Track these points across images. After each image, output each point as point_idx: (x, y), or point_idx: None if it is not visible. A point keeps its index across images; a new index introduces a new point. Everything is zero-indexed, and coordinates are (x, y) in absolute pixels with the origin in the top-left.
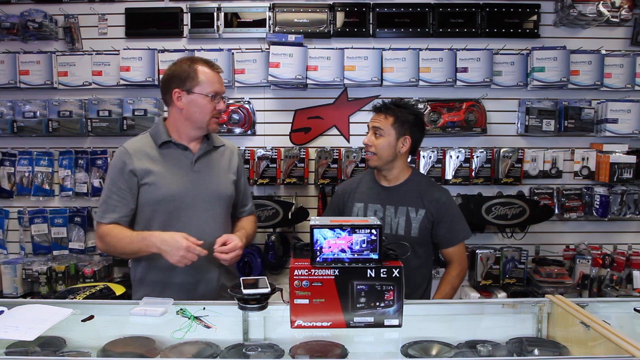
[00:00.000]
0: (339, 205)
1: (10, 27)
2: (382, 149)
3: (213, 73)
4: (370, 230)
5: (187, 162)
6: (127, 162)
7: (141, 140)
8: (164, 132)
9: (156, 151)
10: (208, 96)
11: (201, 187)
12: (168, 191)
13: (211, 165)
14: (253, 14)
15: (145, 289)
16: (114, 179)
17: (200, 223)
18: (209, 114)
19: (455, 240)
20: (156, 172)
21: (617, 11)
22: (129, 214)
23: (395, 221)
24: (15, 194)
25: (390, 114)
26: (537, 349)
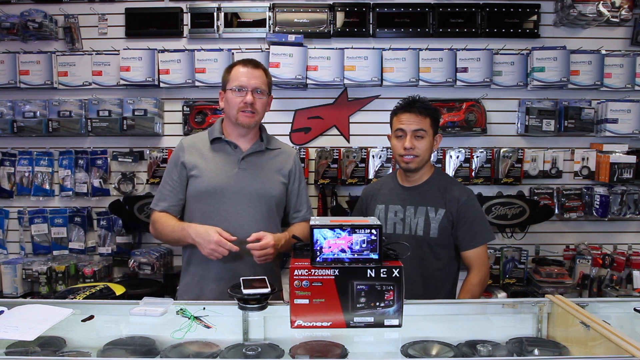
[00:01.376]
0: (363, 209)
1: (10, 27)
2: (425, 150)
3: (243, 68)
4: (370, 230)
5: (234, 159)
6: (180, 155)
7: (198, 137)
8: (217, 130)
9: (208, 147)
10: (234, 90)
11: (244, 184)
12: (210, 184)
13: (260, 165)
14: (253, 14)
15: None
16: (169, 170)
17: (239, 219)
18: (236, 107)
19: (475, 243)
20: (203, 165)
21: (617, 11)
22: (178, 204)
23: (414, 221)
24: (15, 194)
25: (426, 114)
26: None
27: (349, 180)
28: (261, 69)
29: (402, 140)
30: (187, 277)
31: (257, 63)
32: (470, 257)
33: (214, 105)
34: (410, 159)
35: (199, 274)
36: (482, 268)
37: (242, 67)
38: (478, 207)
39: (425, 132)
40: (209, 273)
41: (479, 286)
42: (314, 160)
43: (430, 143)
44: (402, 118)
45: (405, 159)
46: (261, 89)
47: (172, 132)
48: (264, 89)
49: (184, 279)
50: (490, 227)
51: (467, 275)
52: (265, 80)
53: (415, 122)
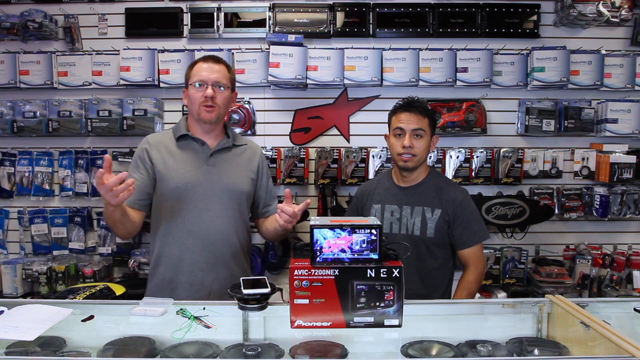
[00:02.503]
0: (358, 208)
1: (10, 27)
2: (423, 150)
3: (203, 64)
4: (370, 230)
5: (202, 156)
6: (147, 152)
7: (163, 134)
8: (183, 127)
9: (174, 144)
10: (195, 85)
11: (214, 180)
12: (180, 181)
13: (228, 162)
14: (253, 14)
15: (157, 279)
16: (134, 164)
17: (211, 215)
18: (197, 102)
19: (471, 242)
20: (172, 163)
21: (617, 11)
22: (144, 198)
23: (411, 221)
24: (15, 194)
25: (425, 114)
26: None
27: (349, 180)
28: (222, 64)
29: (401, 139)
30: (156, 278)
31: (218, 59)
32: (467, 256)
33: None
34: (408, 157)
35: (169, 275)
36: (479, 266)
37: (203, 63)
38: (473, 207)
39: (424, 132)
40: (180, 272)
41: (476, 284)
42: (314, 160)
43: (428, 143)
44: (401, 117)
45: (404, 157)
46: (222, 84)
47: None
48: (225, 83)
49: (152, 281)
50: (485, 226)
51: (463, 273)
52: (226, 75)
53: (415, 121)
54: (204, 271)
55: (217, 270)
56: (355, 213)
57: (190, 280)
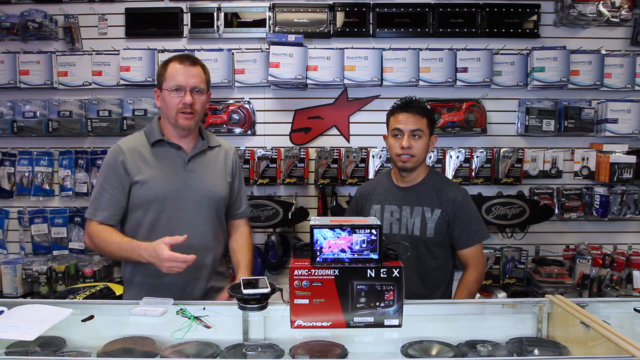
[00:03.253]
0: (358, 208)
1: (10, 27)
2: (422, 150)
3: (180, 66)
4: (370, 230)
5: (180, 162)
6: (120, 160)
7: (135, 139)
8: (157, 131)
9: (149, 150)
10: (172, 90)
11: (193, 188)
12: (160, 191)
13: (205, 166)
14: (253, 14)
15: (134, 290)
16: (106, 176)
17: (190, 224)
18: (174, 109)
19: (470, 242)
20: (148, 171)
21: (617, 11)
22: (119, 212)
23: (410, 222)
24: (15, 194)
25: (423, 114)
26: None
27: (349, 180)
28: (199, 66)
29: (400, 139)
30: (134, 288)
31: (195, 59)
32: (467, 256)
33: (214, 105)
34: (407, 158)
35: (147, 284)
36: (479, 266)
37: (178, 64)
38: (473, 207)
39: (423, 132)
40: (161, 281)
41: (476, 283)
42: (314, 160)
43: (427, 143)
44: (399, 118)
45: (403, 158)
46: (200, 88)
47: None
48: (203, 87)
49: (129, 291)
50: (485, 226)
51: (463, 273)
52: (203, 78)
53: (413, 122)
54: (184, 277)
55: (198, 278)
56: (355, 213)
57: (170, 286)
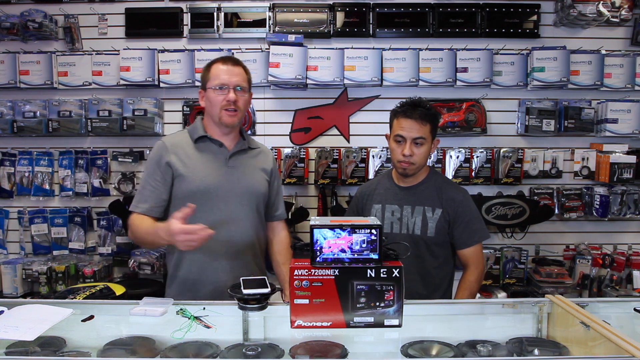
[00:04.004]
0: (358, 208)
1: (10, 27)
2: (423, 157)
3: (223, 66)
4: (370, 230)
5: (222, 158)
6: (163, 155)
7: (178, 136)
8: (200, 128)
9: (192, 146)
10: (216, 88)
11: (235, 182)
12: (202, 183)
13: (245, 164)
14: (253, 14)
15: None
16: (150, 170)
17: (233, 217)
18: (219, 106)
19: (471, 241)
20: (191, 165)
21: (617, 11)
22: (161, 205)
23: (412, 221)
24: (15, 194)
25: (427, 120)
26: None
27: (349, 180)
28: (241, 66)
29: (402, 146)
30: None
31: (237, 60)
32: (467, 256)
33: None
34: (407, 165)
35: (192, 277)
36: (479, 266)
37: (222, 65)
38: (473, 206)
39: (425, 140)
40: (203, 274)
41: (476, 283)
42: (314, 160)
43: (429, 150)
44: (402, 124)
45: (403, 165)
46: (242, 86)
47: (172, 132)
48: (245, 86)
49: (174, 283)
50: (485, 226)
51: (463, 273)
52: (245, 77)
53: (416, 129)
54: (227, 273)
55: (239, 271)
56: (355, 213)
57: (214, 282)
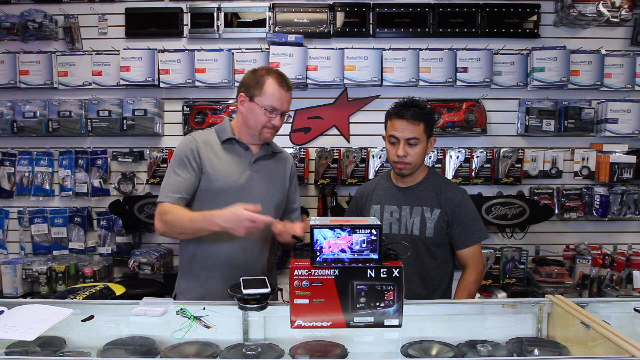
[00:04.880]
0: (357, 209)
1: (10, 27)
2: (418, 157)
3: (279, 89)
4: (370, 230)
5: (246, 161)
6: (193, 149)
7: (207, 134)
8: (229, 130)
9: (219, 146)
10: (266, 109)
11: (255, 186)
12: (226, 183)
13: (268, 170)
14: (253, 14)
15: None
16: (179, 162)
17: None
18: (262, 125)
19: (469, 242)
20: (217, 164)
21: (617, 11)
22: (189, 195)
23: (410, 221)
24: (15, 194)
25: (420, 120)
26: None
27: (349, 180)
28: (291, 91)
29: (396, 147)
30: (190, 277)
31: (290, 84)
32: (466, 256)
33: (214, 105)
34: (402, 165)
35: (203, 274)
36: (478, 266)
37: (279, 86)
38: (472, 207)
39: (419, 140)
40: (216, 270)
41: (475, 284)
42: (314, 160)
43: (424, 148)
44: (395, 125)
45: (398, 165)
46: (287, 112)
47: (172, 132)
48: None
49: (184, 279)
50: (484, 226)
51: (462, 273)
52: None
53: (409, 129)
54: (239, 271)
55: (250, 272)
56: (354, 214)
57: (226, 280)
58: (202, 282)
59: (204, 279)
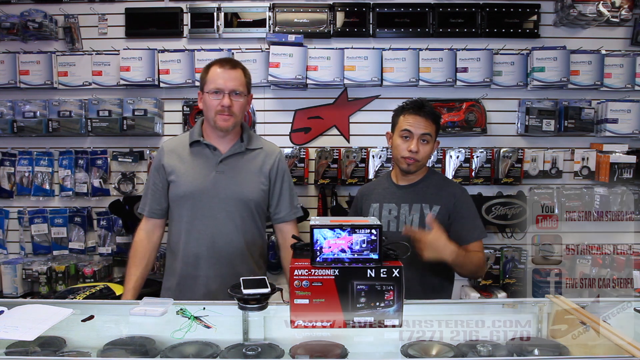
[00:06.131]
0: (358, 209)
1: (10, 27)
2: (427, 155)
3: (220, 70)
4: (370, 230)
5: (213, 162)
6: (160, 159)
7: (178, 139)
8: (197, 132)
9: (187, 150)
10: (211, 92)
11: (220, 187)
12: (187, 189)
13: (238, 168)
14: (253, 14)
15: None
16: (151, 174)
17: (216, 223)
18: (213, 110)
19: (470, 238)
20: (181, 169)
21: (617, 11)
22: (161, 208)
23: (409, 219)
24: (15, 194)
25: (432, 121)
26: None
27: (349, 180)
28: (239, 69)
29: (408, 141)
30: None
31: (235, 63)
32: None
33: None
34: (412, 162)
35: (180, 282)
36: (480, 254)
37: (219, 68)
38: (472, 204)
39: (431, 138)
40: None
41: (480, 261)
42: (314, 160)
43: (432, 149)
44: (410, 119)
45: (408, 160)
46: (238, 91)
47: (172, 132)
48: (242, 90)
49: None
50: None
51: None
52: (243, 81)
53: (424, 126)
54: (211, 278)
55: (222, 275)
56: (356, 214)
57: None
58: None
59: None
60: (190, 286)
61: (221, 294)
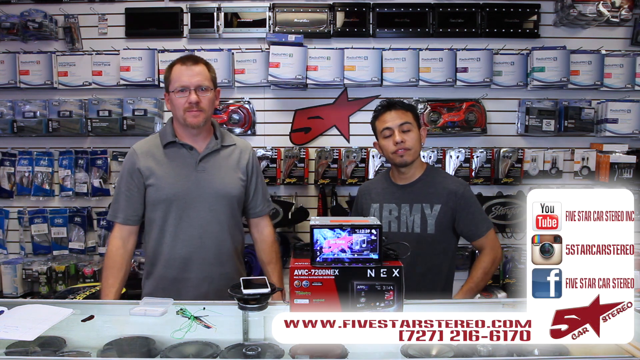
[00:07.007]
0: (358, 208)
1: (10, 27)
2: (415, 142)
3: (182, 67)
4: (370, 230)
5: (191, 162)
6: (134, 163)
7: (149, 141)
8: (170, 133)
9: (162, 152)
10: (177, 91)
11: (204, 187)
12: (170, 192)
13: (217, 165)
14: (253, 14)
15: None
16: (123, 179)
17: (203, 223)
18: (182, 108)
19: (480, 232)
20: (160, 172)
21: (617, 11)
22: (137, 214)
23: (410, 219)
24: (15, 194)
25: (407, 109)
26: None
27: (349, 180)
28: (202, 64)
29: (392, 137)
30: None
31: (197, 58)
32: (482, 243)
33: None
34: (403, 152)
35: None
36: (494, 248)
37: (181, 66)
38: (475, 198)
39: (411, 125)
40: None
41: (491, 264)
42: (314, 160)
43: (418, 135)
44: (385, 118)
45: (399, 152)
46: (204, 86)
47: None
48: (208, 85)
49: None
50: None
51: (479, 255)
52: (207, 76)
53: (399, 117)
54: (201, 279)
55: (212, 276)
56: (357, 213)
57: (193, 285)
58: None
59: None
60: (177, 290)
61: (211, 295)
